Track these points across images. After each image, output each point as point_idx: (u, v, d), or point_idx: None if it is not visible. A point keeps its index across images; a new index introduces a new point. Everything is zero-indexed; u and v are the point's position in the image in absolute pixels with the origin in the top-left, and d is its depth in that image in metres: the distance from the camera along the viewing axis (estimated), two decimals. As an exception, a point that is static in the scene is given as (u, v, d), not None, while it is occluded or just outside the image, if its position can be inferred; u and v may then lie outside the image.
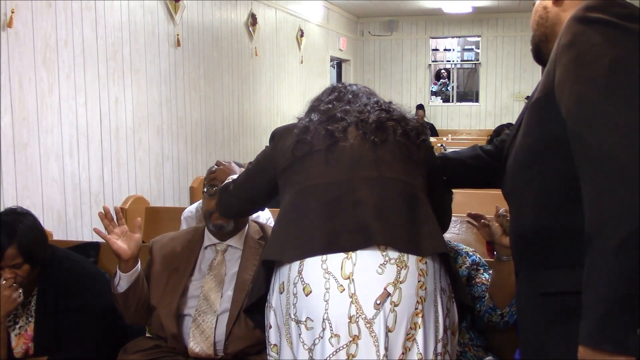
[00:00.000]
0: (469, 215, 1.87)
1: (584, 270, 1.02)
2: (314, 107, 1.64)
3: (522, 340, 1.31)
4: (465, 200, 3.16)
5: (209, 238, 2.04)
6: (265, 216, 2.62)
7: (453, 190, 1.83)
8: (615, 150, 0.99)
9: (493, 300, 1.80)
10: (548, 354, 1.19)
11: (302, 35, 7.92)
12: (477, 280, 1.88)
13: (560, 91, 1.11)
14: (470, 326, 1.91)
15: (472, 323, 1.90)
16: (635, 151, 0.98)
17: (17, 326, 2.04)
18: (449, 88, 11.71)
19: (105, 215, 1.88)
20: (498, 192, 1.45)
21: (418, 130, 1.55)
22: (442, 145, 6.68)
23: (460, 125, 10.99)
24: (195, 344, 1.88)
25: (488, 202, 1.93)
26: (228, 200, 1.75)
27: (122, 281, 1.89)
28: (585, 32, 1.10)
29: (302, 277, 1.35)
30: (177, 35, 4.78)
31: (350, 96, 1.61)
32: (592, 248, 1.01)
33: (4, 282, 1.89)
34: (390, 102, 1.63)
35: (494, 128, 6.67)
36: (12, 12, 3.08)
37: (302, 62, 8.00)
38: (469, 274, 1.89)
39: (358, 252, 1.33)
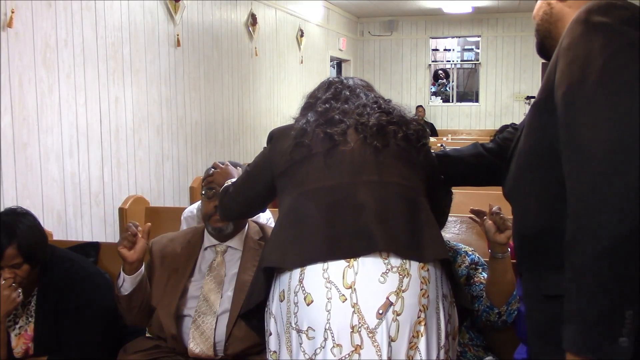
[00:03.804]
0: (471, 211, 1.87)
1: (565, 278, 1.01)
2: (309, 104, 1.61)
3: (528, 340, 1.30)
4: (465, 200, 3.17)
5: (208, 239, 2.04)
6: (266, 216, 2.61)
7: (453, 190, 1.83)
8: (602, 157, 0.98)
9: (490, 299, 1.80)
10: (552, 355, 1.19)
11: (302, 35, 7.92)
12: (476, 279, 1.88)
13: (557, 93, 1.11)
14: (470, 326, 1.91)
15: (471, 322, 1.90)
16: (624, 160, 0.96)
17: (17, 326, 2.04)
18: (447, 88, 11.70)
19: (129, 231, 1.83)
20: (498, 192, 1.44)
21: (419, 134, 1.53)
22: (441, 145, 6.67)
23: (460, 125, 10.99)
24: (195, 345, 1.88)
25: (488, 202, 1.93)
26: (228, 203, 1.73)
27: (126, 283, 1.89)
28: (584, 35, 1.09)
29: (303, 286, 1.33)
30: (177, 35, 4.78)
31: (347, 93, 1.58)
32: (573, 256, 1.00)
33: (3, 282, 1.89)
34: (389, 101, 1.60)
35: (494, 128, 6.63)
36: (12, 12, 3.09)
37: (302, 62, 8.00)
38: (467, 273, 1.89)
39: (360, 260, 1.32)
